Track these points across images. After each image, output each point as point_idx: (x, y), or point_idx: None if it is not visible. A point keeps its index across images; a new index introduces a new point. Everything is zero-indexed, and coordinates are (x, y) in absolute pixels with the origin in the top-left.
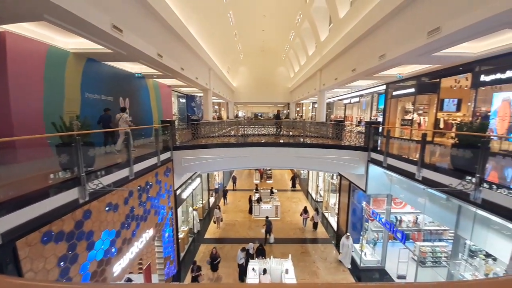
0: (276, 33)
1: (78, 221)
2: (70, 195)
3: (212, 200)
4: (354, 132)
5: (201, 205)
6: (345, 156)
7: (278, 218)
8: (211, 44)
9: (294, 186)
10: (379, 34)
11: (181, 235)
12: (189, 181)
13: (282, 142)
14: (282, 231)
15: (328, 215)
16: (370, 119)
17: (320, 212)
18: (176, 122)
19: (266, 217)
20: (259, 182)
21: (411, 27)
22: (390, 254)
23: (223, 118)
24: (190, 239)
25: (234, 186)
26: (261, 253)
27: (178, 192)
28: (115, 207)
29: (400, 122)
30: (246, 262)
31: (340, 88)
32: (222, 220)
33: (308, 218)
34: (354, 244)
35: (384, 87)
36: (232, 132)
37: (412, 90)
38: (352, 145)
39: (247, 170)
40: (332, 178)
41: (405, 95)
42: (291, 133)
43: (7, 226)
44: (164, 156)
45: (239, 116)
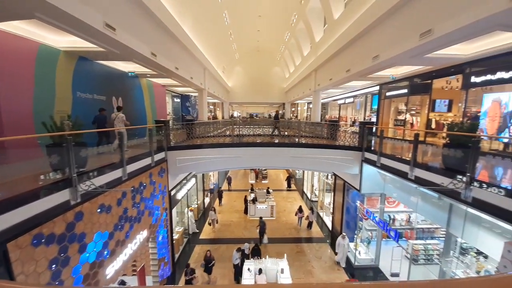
0: (271, 33)
1: (70, 223)
2: (61, 197)
3: (207, 200)
4: (348, 132)
5: (196, 205)
6: (339, 156)
7: (273, 218)
8: (206, 44)
9: (289, 186)
10: (373, 35)
11: (175, 236)
12: (184, 181)
13: (277, 142)
14: (278, 231)
15: (323, 215)
16: (364, 119)
17: (315, 211)
18: (170, 122)
19: (260, 217)
20: (254, 182)
21: (404, 29)
22: (384, 252)
23: (218, 118)
24: (185, 240)
25: (229, 186)
26: (256, 253)
27: (173, 192)
28: (108, 209)
29: (393, 122)
30: (242, 262)
31: (335, 89)
32: (218, 222)
33: (303, 217)
34: (349, 243)
35: (377, 87)
36: (228, 132)
37: (405, 91)
38: (346, 145)
39: (243, 170)
40: (327, 177)
41: (398, 96)
42: (286, 133)
43: None
44: (158, 156)
45: (234, 116)
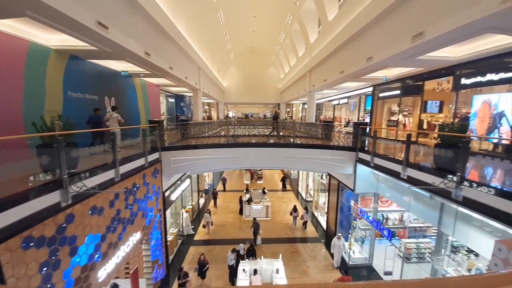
0: (266, 34)
1: (60, 225)
2: (51, 198)
3: (202, 201)
4: (342, 132)
5: (190, 206)
6: (334, 156)
7: (268, 218)
8: (201, 44)
9: (284, 186)
10: (366, 37)
11: (170, 238)
12: (178, 182)
13: (272, 142)
14: (273, 231)
15: (318, 214)
16: (358, 120)
17: (309, 211)
18: (164, 122)
19: (253, 218)
20: (249, 182)
21: (396, 31)
22: (377, 251)
23: (213, 119)
24: (179, 242)
25: (224, 188)
26: (251, 253)
27: (167, 193)
28: (100, 210)
29: (386, 123)
30: (237, 263)
31: (329, 89)
32: (213, 224)
33: (298, 216)
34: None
35: (371, 89)
36: (223, 133)
37: (398, 92)
38: (340, 145)
39: (238, 170)
40: (321, 178)
41: (391, 97)
42: (281, 133)
43: None
44: (152, 157)
45: (230, 117)
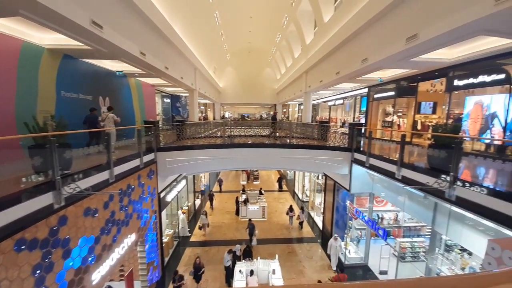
0: (262, 34)
1: (53, 227)
2: (44, 200)
3: (198, 202)
4: (338, 133)
5: (186, 207)
6: (330, 157)
7: (265, 219)
8: (197, 44)
9: (280, 187)
10: (361, 39)
11: (165, 239)
12: (174, 183)
13: (269, 143)
14: (269, 232)
15: (314, 215)
16: (353, 120)
17: (305, 210)
18: (160, 123)
19: (249, 219)
20: (246, 183)
21: (391, 33)
22: (373, 250)
23: (210, 119)
24: (175, 243)
25: (220, 189)
26: (248, 254)
27: (162, 194)
28: (94, 212)
29: (381, 123)
30: (233, 264)
31: (325, 90)
32: (209, 226)
33: (294, 216)
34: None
35: (366, 90)
36: (219, 133)
37: (392, 93)
38: (336, 146)
39: (234, 171)
40: (317, 178)
41: (385, 98)
42: (277, 134)
43: None
44: (148, 157)
45: (226, 117)
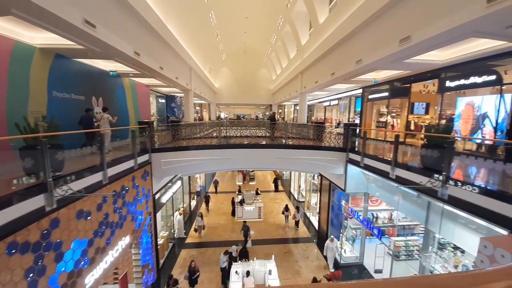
0: (258, 35)
1: (45, 230)
2: (35, 203)
3: (193, 203)
4: (333, 133)
5: (182, 209)
6: (325, 157)
7: (261, 219)
8: (192, 44)
9: (276, 187)
10: (356, 40)
11: (160, 241)
12: (169, 184)
13: (264, 143)
14: (266, 232)
15: (310, 215)
16: (348, 121)
17: (301, 210)
18: (154, 123)
19: (243, 221)
20: (242, 183)
21: (385, 35)
22: (368, 249)
23: (205, 120)
24: (170, 245)
25: (216, 190)
26: (244, 255)
27: (157, 196)
28: (87, 214)
29: (375, 124)
30: (229, 265)
31: (321, 91)
32: (204, 228)
33: (290, 215)
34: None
35: (361, 90)
36: (215, 134)
37: (386, 94)
38: (331, 146)
39: (230, 172)
40: (313, 178)
41: (379, 99)
42: (275, 135)
43: None
44: (142, 158)
45: (222, 118)
